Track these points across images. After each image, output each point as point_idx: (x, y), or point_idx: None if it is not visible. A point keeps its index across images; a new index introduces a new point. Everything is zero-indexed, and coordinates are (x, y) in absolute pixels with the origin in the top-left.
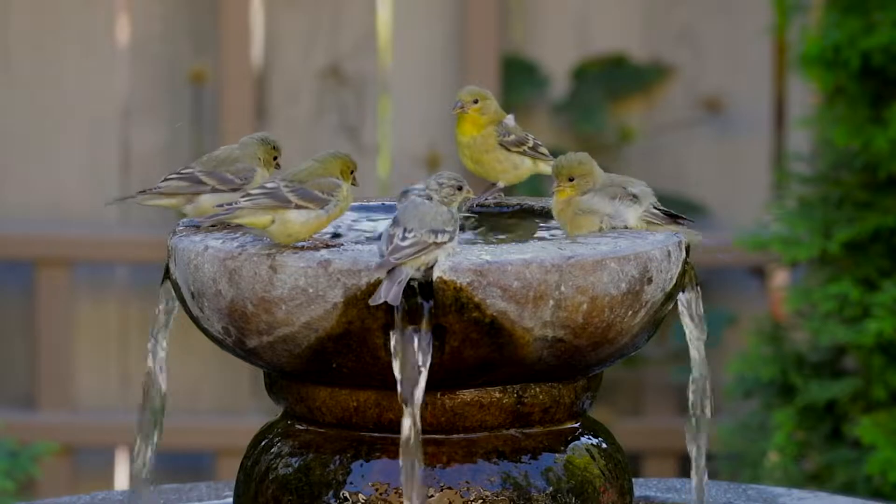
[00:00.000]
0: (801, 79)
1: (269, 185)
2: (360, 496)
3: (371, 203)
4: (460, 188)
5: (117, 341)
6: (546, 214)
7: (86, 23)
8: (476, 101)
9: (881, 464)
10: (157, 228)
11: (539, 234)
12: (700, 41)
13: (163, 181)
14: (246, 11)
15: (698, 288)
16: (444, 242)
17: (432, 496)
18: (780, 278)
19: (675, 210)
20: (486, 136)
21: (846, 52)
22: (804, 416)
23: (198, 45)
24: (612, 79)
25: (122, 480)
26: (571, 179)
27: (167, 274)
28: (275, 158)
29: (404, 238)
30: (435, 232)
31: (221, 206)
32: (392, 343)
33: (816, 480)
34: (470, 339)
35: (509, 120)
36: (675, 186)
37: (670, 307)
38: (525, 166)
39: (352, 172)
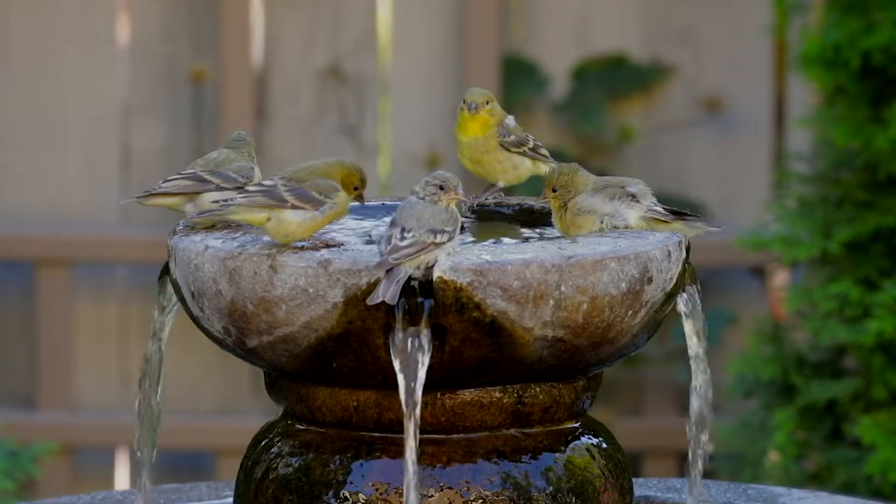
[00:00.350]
0: (801, 79)
1: (267, 182)
2: (361, 496)
3: (371, 203)
4: (442, 188)
5: (117, 341)
6: (546, 214)
7: (86, 23)
8: (487, 103)
9: (881, 464)
10: (158, 228)
11: (538, 233)
12: (700, 41)
13: (164, 182)
14: (246, 11)
15: (699, 288)
16: (443, 242)
17: (432, 496)
18: (781, 278)
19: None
20: (488, 137)
21: (846, 51)
22: (804, 415)
23: (198, 45)
24: (612, 79)
25: (122, 480)
26: (555, 190)
27: (166, 272)
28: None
29: (402, 238)
30: (434, 232)
31: (217, 202)
32: (392, 343)
33: (817, 480)
34: (470, 338)
35: (510, 121)
36: (675, 186)
37: (671, 307)
38: (524, 167)
39: (356, 188)
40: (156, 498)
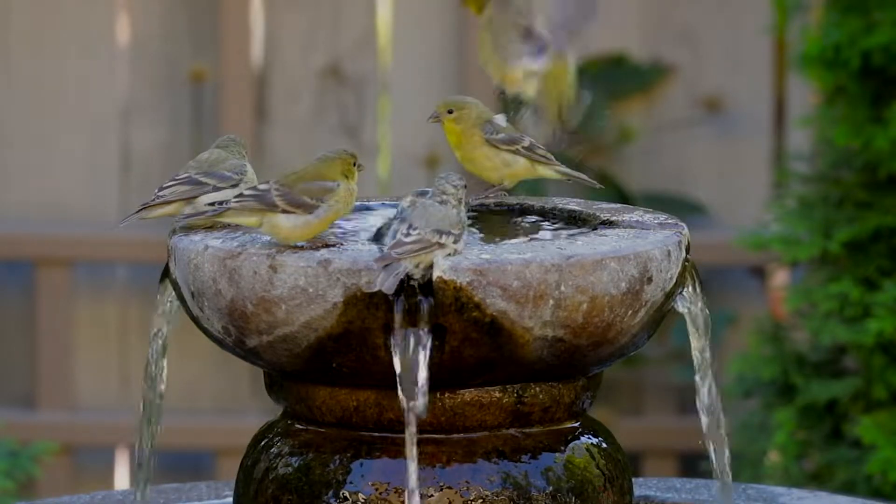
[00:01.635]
0: (801, 78)
1: (261, 186)
2: (360, 496)
3: (371, 203)
4: (465, 186)
5: (117, 341)
6: (547, 213)
7: (86, 23)
8: (451, 111)
9: (881, 463)
10: (157, 228)
11: (538, 233)
12: (700, 41)
13: (160, 190)
14: (246, 11)
15: (700, 288)
16: (447, 244)
17: (432, 496)
18: (781, 278)
19: (675, 211)
20: (471, 136)
21: (846, 51)
22: (805, 415)
23: (198, 44)
24: (612, 79)
25: (122, 480)
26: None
27: (166, 274)
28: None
29: (408, 234)
30: (440, 233)
31: (212, 204)
32: (392, 343)
33: (817, 480)
34: (470, 338)
35: (499, 119)
36: (675, 186)
37: (670, 306)
38: (519, 164)
39: (354, 164)
40: (156, 498)
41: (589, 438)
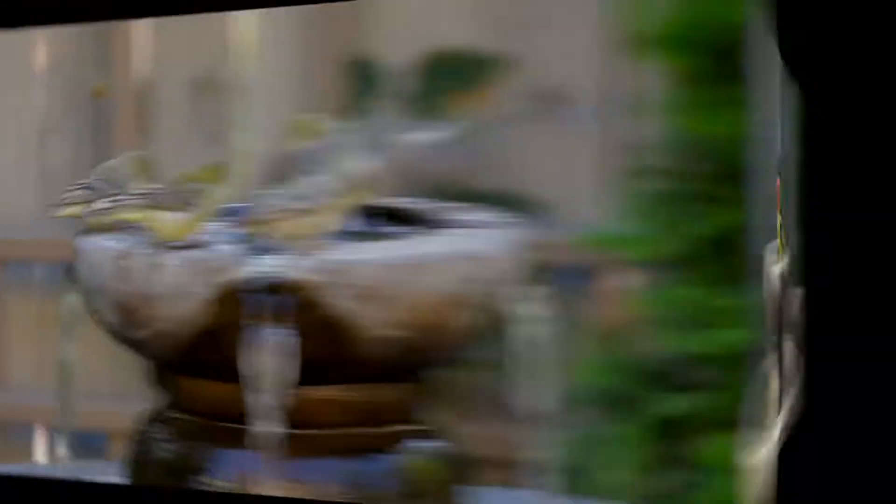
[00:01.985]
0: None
1: (153, 186)
2: (223, 484)
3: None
4: None
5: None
6: (391, 215)
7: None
8: None
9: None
10: (67, 230)
11: (382, 233)
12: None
13: (63, 195)
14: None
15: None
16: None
17: (283, 490)
18: (619, 280)
19: (513, 208)
20: None
21: None
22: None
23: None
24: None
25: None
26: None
27: (71, 272)
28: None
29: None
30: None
31: (108, 203)
32: (252, 340)
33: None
34: (321, 337)
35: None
36: (515, 183)
37: (510, 307)
38: None
39: (228, 173)
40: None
41: (432, 441)
